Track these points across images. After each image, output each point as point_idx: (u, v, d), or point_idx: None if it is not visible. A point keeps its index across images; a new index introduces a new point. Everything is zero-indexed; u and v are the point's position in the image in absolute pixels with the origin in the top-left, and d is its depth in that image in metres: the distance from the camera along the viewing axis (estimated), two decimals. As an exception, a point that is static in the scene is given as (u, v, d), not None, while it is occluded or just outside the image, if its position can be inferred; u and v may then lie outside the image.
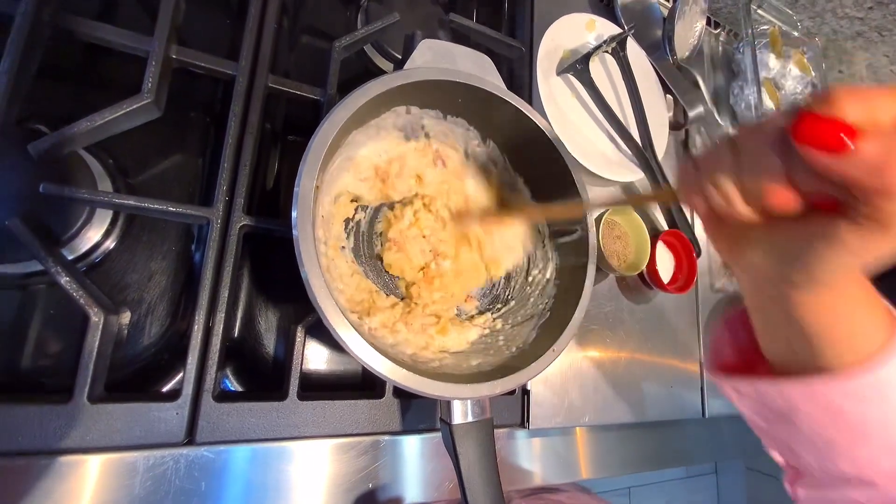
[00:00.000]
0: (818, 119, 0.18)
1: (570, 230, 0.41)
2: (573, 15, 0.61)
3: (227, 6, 0.48)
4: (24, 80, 0.33)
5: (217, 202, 0.37)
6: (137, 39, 0.37)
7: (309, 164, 0.30)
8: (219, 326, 0.36)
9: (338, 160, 0.37)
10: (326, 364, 0.45)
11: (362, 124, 0.37)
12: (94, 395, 0.32)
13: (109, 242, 0.39)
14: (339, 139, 0.33)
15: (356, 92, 0.33)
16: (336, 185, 0.38)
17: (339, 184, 0.39)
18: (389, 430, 0.41)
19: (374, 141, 0.40)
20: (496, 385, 0.32)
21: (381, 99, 0.34)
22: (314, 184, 0.29)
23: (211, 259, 0.37)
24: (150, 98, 0.35)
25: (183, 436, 0.34)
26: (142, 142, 0.41)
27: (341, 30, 0.54)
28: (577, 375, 0.53)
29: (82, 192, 0.33)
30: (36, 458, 0.31)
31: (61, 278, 0.32)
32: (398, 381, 0.29)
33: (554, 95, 0.58)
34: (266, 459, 0.37)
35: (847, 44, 0.90)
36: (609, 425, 0.55)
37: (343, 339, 0.28)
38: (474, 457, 0.33)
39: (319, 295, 0.27)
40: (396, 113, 0.39)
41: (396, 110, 0.39)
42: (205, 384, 0.35)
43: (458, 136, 0.44)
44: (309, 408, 0.38)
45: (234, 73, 0.40)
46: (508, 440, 0.48)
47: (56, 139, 0.33)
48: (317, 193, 0.31)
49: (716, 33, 0.80)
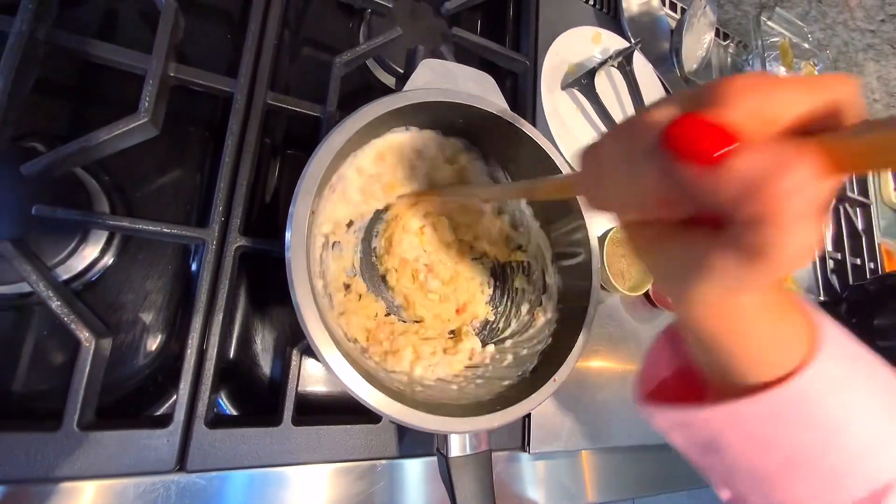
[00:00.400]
0: (692, 120, 0.14)
1: (574, 253, 0.40)
2: (579, 28, 0.60)
3: (228, 21, 0.47)
4: (19, 98, 0.33)
5: (213, 223, 0.37)
6: (135, 57, 0.37)
7: (304, 189, 0.29)
8: (212, 350, 0.35)
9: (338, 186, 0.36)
10: (323, 385, 0.44)
11: (361, 146, 0.36)
12: (83, 423, 0.31)
13: (105, 261, 0.39)
14: (336, 163, 0.32)
15: (354, 115, 0.32)
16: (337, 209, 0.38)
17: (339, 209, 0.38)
18: (387, 456, 0.40)
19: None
20: (494, 418, 0.31)
21: (380, 121, 0.34)
22: (309, 210, 0.29)
23: (206, 280, 0.36)
24: (147, 117, 0.35)
25: (174, 463, 0.33)
26: (139, 158, 0.41)
27: (343, 42, 0.53)
28: (580, 396, 0.52)
29: (75, 213, 0.33)
30: (24, 486, 0.31)
31: (53, 303, 0.31)
32: (393, 416, 0.28)
33: (558, 110, 0.57)
34: (260, 485, 0.37)
35: (858, 56, 0.89)
36: (614, 448, 0.53)
37: (337, 374, 0.27)
38: (471, 491, 0.32)
39: (310, 324, 0.27)
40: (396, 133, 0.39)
41: (395, 131, 0.38)
42: (197, 410, 0.34)
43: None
44: (304, 433, 0.37)
45: (233, 91, 0.40)
46: (509, 464, 0.47)
47: (50, 160, 0.32)
48: (312, 219, 0.30)
49: (725, 45, 0.79)
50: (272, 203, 0.46)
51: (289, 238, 0.28)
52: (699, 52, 0.69)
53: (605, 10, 0.68)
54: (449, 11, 0.54)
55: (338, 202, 0.37)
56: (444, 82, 0.37)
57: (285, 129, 0.48)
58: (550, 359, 0.37)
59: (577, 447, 0.50)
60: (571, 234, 0.41)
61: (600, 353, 0.54)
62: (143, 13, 0.43)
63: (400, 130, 0.39)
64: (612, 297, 0.56)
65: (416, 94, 0.35)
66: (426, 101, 0.35)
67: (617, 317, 0.56)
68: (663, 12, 0.70)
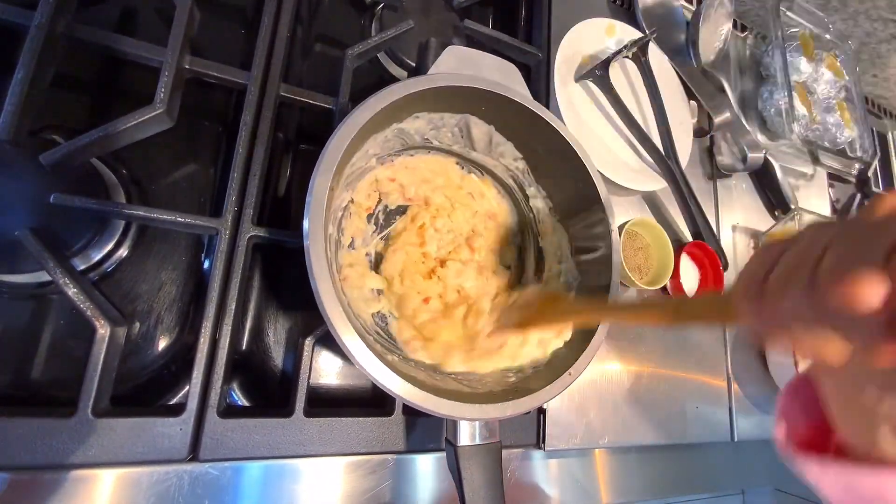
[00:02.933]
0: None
1: (594, 247, 0.39)
2: (592, 20, 0.59)
3: (242, 16, 0.48)
4: (38, 90, 0.33)
5: (226, 213, 0.37)
6: (151, 50, 0.37)
7: (325, 163, 0.28)
8: (225, 340, 0.35)
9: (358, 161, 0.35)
10: (336, 378, 0.44)
11: (382, 128, 0.36)
12: (98, 410, 0.31)
13: (121, 252, 0.39)
14: (356, 143, 0.32)
15: (378, 94, 0.32)
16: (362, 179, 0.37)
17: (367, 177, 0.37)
18: (398, 450, 0.40)
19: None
20: (507, 407, 0.30)
21: (404, 103, 0.33)
22: (329, 185, 0.28)
23: (219, 270, 0.36)
24: (163, 108, 0.35)
25: (186, 452, 0.33)
26: (154, 151, 0.41)
27: (355, 37, 0.53)
28: (596, 393, 0.51)
29: (92, 202, 0.33)
30: (40, 472, 0.31)
31: (69, 290, 0.32)
32: (404, 397, 0.27)
33: (573, 102, 0.56)
34: (272, 477, 0.36)
35: (881, 47, 0.86)
36: (630, 447, 0.52)
37: (349, 349, 0.26)
38: (479, 482, 0.31)
39: (328, 305, 0.26)
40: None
41: (419, 116, 0.38)
42: (210, 399, 0.34)
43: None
44: (315, 425, 0.37)
45: (246, 83, 0.40)
46: (522, 461, 0.46)
47: (67, 150, 0.33)
48: (331, 195, 0.29)
49: (742, 36, 0.77)
50: (285, 196, 0.46)
51: (309, 207, 0.27)
52: (716, 43, 0.67)
53: (619, 2, 0.67)
54: (461, 4, 0.54)
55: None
56: (468, 69, 0.37)
57: (297, 123, 0.49)
58: (567, 353, 0.36)
59: (593, 445, 0.49)
60: (592, 227, 0.40)
61: (616, 348, 0.53)
62: (159, 9, 0.44)
63: (423, 115, 0.38)
64: (629, 291, 0.55)
65: (441, 77, 0.34)
66: (451, 85, 0.34)
67: (633, 312, 0.55)
68: (679, 3, 0.69)
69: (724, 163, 0.67)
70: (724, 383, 0.60)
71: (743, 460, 0.59)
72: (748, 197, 0.71)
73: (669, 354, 0.56)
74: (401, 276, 0.40)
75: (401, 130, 0.38)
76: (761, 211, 0.71)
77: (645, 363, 0.54)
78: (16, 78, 0.32)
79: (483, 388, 0.34)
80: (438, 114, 0.38)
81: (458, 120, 0.39)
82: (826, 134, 0.73)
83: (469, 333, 0.38)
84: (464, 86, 0.35)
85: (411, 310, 0.39)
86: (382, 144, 0.38)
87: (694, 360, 0.58)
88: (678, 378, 0.56)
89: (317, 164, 0.29)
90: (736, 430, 0.58)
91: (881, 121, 1.01)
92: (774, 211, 0.72)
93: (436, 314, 0.39)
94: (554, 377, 0.33)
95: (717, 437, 0.57)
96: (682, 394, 0.56)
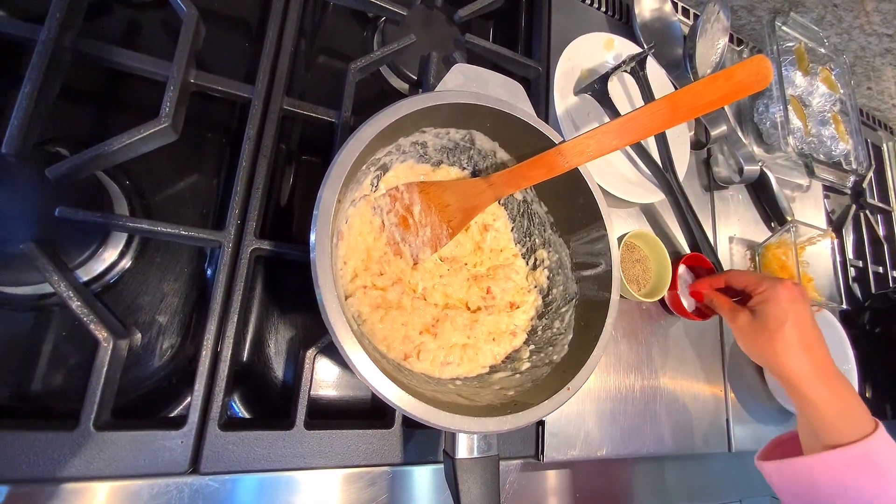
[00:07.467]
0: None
1: (594, 263, 0.40)
2: (591, 34, 0.60)
3: (246, 30, 0.48)
4: (44, 104, 0.34)
5: (229, 226, 0.37)
6: (156, 64, 0.38)
7: (333, 177, 0.29)
8: (227, 352, 0.35)
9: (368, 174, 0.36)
10: (336, 389, 0.44)
11: (390, 143, 0.36)
12: (100, 423, 0.32)
13: (124, 263, 0.39)
14: (364, 156, 0.32)
15: (387, 110, 0.32)
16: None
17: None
18: (398, 462, 0.40)
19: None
20: (505, 421, 0.30)
21: (412, 119, 0.34)
22: (336, 198, 0.29)
23: (221, 283, 0.36)
24: (168, 122, 0.35)
25: (187, 465, 0.33)
26: (158, 163, 0.42)
27: (358, 50, 0.54)
28: (595, 405, 0.51)
29: (96, 215, 0.34)
30: (41, 485, 0.31)
31: (73, 302, 0.32)
32: (404, 408, 0.27)
33: (571, 116, 0.57)
34: (272, 489, 0.36)
35: (876, 60, 0.87)
36: (628, 458, 0.52)
37: (353, 361, 0.26)
38: (477, 495, 0.31)
39: (333, 316, 0.26)
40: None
41: (425, 131, 0.39)
42: (211, 412, 0.34)
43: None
44: (316, 437, 0.37)
45: (250, 97, 0.40)
46: (521, 473, 0.46)
47: (73, 164, 0.33)
48: (338, 208, 0.30)
49: (739, 50, 0.79)
50: (288, 208, 0.47)
51: (316, 220, 0.27)
52: (713, 57, 0.68)
53: (618, 17, 0.68)
54: (462, 19, 0.54)
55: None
56: (475, 87, 0.37)
57: (300, 136, 0.49)
58: (566, 367, 0.36)
59: (592, 457, 0.49)
60: (592, 243, 0.41)
61: (614, 359, 0.53)
62: (164, 23, 0.44)
63: (429, 130, 0.39)
64: (627, 303, 0.56)
65: (449, 94, 0.35)
66: (457, 102, 0.35)
67: (631, 323, 0.56)
68: (676, 18, 0.70)
69: (721, 175, 0.68)
70: (722, 394, 0.60)
71: (741, 471, 0.59)
72: (745, 209, 0.72)
73: (667, 367, 0.57)
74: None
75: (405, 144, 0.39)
76: (758, 222, 0.72)
77: (643, 376, 0.55)
78: (22, 92, 0.32)
79: (482, 401, 0.34)
80: (444, 129, 0.39)
81: (463, 135, 0.40)
82: (821, 146, 0.74)
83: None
84: (470, 103, 0.36)
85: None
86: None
87: (691, 373, 0.58)
88: (676, 391, 0.57)
89: (324, 178, 0.29)
90: (733, 440, 0.59)
91: (876, 132, 1.02)
92: (771, 222, 0.73)
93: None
94: (553, 392, 0.33)
95: (714, 448, 0.57)
96: (680, 406, 0.56)
